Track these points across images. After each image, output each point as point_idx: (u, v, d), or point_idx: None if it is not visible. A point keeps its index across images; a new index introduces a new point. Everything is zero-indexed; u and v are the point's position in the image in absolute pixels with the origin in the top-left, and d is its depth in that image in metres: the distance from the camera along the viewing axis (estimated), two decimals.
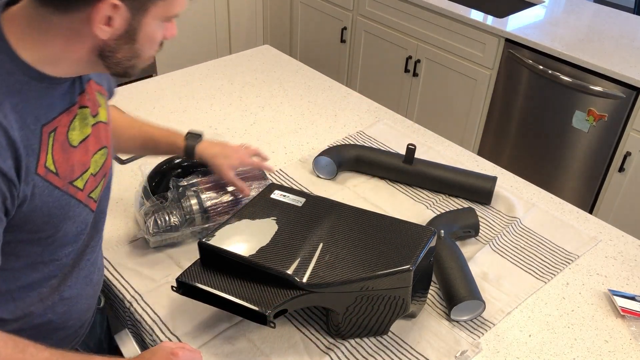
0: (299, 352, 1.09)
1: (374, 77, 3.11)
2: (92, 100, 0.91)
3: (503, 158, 2.68)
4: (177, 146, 1.24)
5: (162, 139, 1.25)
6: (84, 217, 0.91)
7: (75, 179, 0.87)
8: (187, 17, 3.24)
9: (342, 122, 1.81)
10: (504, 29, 2.45)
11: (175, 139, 1.25)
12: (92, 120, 0.90)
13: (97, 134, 0.92)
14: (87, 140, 0.89)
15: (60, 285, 0.95)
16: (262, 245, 1.07)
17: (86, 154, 0.89)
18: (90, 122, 0.90)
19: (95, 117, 0.91)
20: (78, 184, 0.87)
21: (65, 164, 0.84)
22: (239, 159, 1.27)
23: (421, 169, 1.52)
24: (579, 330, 1.18)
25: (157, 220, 1.23)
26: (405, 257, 1.05)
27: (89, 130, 0.89)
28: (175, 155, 1.29)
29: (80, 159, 0.87)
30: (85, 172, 0.89)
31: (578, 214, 1.51)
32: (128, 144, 1.24)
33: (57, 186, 0.83)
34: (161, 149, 1.26)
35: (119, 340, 1.18)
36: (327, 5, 3.17)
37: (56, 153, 0.82)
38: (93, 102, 0.91)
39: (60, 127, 0.83)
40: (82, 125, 0.88)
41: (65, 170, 0.84)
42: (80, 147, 0.87)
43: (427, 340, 1.13)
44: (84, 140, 0.88)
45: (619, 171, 2.28)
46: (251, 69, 2.08)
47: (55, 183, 0.83)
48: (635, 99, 2.16)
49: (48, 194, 0.82)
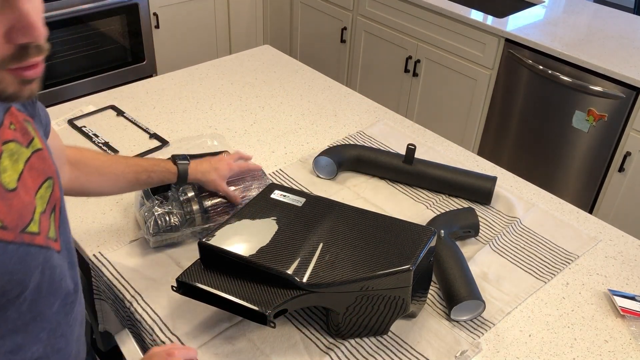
0: (299, 352, 1.09)
1: (374, 77, 3.11)
2: (21, 129, 0.79)
3: (503, 158, 2.68)
4: (170, 172, 1.22)
5: (153, 167, 1.21)
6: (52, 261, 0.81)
7: (28, 224, 0.76)
8: (187, 18, 3.25)
9: (342, 122, 1.81)
10: (504, 29, 2.45)
11: (166, 165, 1.22)
12: (26, 153, 0.79)
13: (36, 165, 0.80)
14: (23, 176, 0.77)
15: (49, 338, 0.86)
16: (262, 245, 1.07)
17: (27, 192, 0.77)
18: (23, 155, 0.78)
19: (29, 147, 0.80)
20: (32, 228, 0.76)
21: (9, 211, 0.73)
22: (227, 168, 1.28)
23: (421, 169, 1.52)
24: (579, 330, 1.18)
25: (157, 220, 1.23)
26: (405, 257, 1.06)
27: (21, 165, 0.77)
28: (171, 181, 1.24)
29: (24, 200, 0.76)
30: (35, 212, 0.78)
31: (578, 214, 1.51)
32: (118, 181, 1.18)
33: (8, 241, 0.72)
34: (154, 178, 1.22)
35: (119, 340, 1.18)
36: (327, 5, 3.17)
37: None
38: (23, 131, 0.80)
39: None
40: (13, 163, 0.75)
41: (12, 219, 0.73)
42: (19, 187, 0.75)
43: (427, 340, 1.13)
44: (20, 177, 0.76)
45: (619, 171, 2.28)
46: (251, 69, 2.08)
47: (5, 238, 0.72)
48: (635, 99, 2.16)
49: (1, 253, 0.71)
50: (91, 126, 1.70)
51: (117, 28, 2.96)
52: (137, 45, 3.07)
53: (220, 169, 1.27)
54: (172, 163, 1.23)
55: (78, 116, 1.74)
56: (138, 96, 1.87)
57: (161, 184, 1.24)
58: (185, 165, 1.23)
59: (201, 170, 1.25)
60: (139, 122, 1.73)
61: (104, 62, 2.99)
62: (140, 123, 1.72)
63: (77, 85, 2.93)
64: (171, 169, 1.22)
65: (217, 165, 1.27)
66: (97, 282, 1.28)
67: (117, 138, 1.65)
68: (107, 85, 2.96)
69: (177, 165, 1.22)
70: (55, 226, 0.85)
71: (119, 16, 2.92)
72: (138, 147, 1.62)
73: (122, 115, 1.76)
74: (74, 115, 1.74)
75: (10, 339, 0.79)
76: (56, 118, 1.73)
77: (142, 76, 3.14)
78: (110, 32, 2.95)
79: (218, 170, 1.26)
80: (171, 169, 1.22)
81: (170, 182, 1.24)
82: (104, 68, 3.01)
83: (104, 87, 2.86)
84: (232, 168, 1.29)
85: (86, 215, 1.38)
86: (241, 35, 3.59)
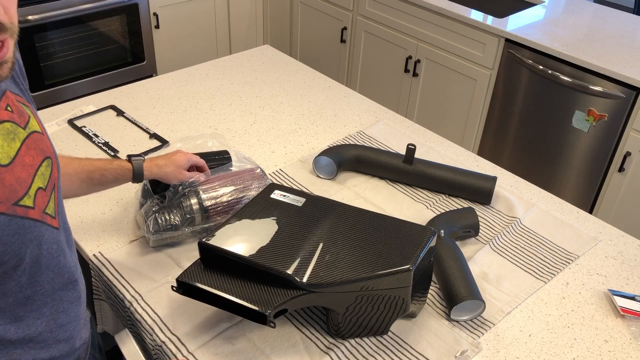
0: (299, 352, 1.09)
1: (374, 77, 3.11)
2: (18, 112, 0.83)
3: (503, 158, 2.68)
4: (124, 169, 1.20)
5: (106, 166, 1.19)
6: (48, 236, 0.85)
7: (21, 197, 0.79)
8: (187, 18, 3.25)
9: (342, 122, 1.81)
10: (504, 29, 2.45)
11: (120, 163, 1.21)
12: (23, 133, 0.82)
13: (34, 145, 0.83)
14: (20, 154, 0.80)
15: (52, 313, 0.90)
16: (262, 245, 1.07)
17: (25, 168, 0.81)
18: (20, 135, 0.81)
19: (26, 128, 0.83)
20: (26, 202, 0.80)
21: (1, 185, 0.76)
22: (184, 157, 1.27)
23: (421, 169, 1.52)
24: (578, 330, 1.18)
25: (157, 220, 1.23)
26: (405, 257, 1.06)
27: (18, 144, 0.80)
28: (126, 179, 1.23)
29: (20, 176, 0.79)
30: (31, 188, 0.81)
31: (578, 214, 1.51)
32: (72, 182, 1.15)
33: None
34: (108, 177, 1.20)
35: (119, 340, 1.18)
36: (327, 5, 3.17)
37: None
38: (19, 114, 0.83)
39: None
40: (9, 141, 0.79)
41: (3, 192, 0.76)
42: (15, 164, 0.79)
43: (427, 340, 1.13)
44: (16, 155, 0.80)
45: (619, 171, 2.28)
46: (251, 69, 2.08)
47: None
48: (635, 99, 2.16)
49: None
50: (91, 126, 1.70)
51: (117, 28, 2.96)
52: (137, 45, 3.07)
53: (177, 159, 1.26)
54: (127, 161, 1.22)
55: (78, 116, 1.74)
56: (138, 96, 1.87)
57: (116, 183, 1.22)
58: (140, 162, 1.22)
59: (157, 164, 1.24)
60: (139, 122, 1.73)
61: (104, 62, 2.99)
62: (140, 123, 1.72)
63: (77, 85, 2.93)
64: (125, 166, 1.21)
65: (173, 156, 1.26)
66: (97, 282, 1.28)
67: (117, 138, 1.65)
68: (107, 85, 2.96)
69: (131, 162, 1.21)
70: (55, 204, 0.87)
71: (119, 16, 2.92)
72: (138, 147, 1.62)
73: (122, 115, 1.76)
74: (74, 115, 1.74)
75: (11, 311, 0.83)
76: (56, 118, 1.73)
77: (142, 76, 3.14)
78: (110, 32, 2.95)
79: (175, 161, 1.25)
80: (125, 166, 1.20)
81: (125, 181, 1.22)
82: (104, 68, 3.01)
83: (104, 87, 2.86)
84: (189, 157, 1.28)
85: (86, 215, 1.38)
86: (241, 35, 3.59)
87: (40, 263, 0.84)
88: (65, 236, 0.91)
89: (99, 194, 1.44)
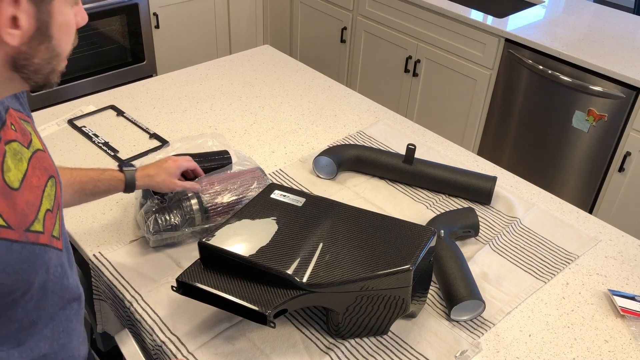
0: (299, 352, 1.09)
1: (374, 77, 3.11)
2: (21, 130, 0.80)
3: (503, 158, 2.68)
4: (117, 179, 1.18)
5: (99, 176, 1.17)
6: (55, 260, 0.83)
7: (32, 222, 0.76)
8: (187, 17, 3.25)
9: (342, 122, 1.81)
10: (504, 29, 2.45)
11: (113, 173, 1.18)
12: (27, 153, 0.79)
13: (39, 164, 0.81)
14: (27, 175, 0.77)
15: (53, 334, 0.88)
16: (262, 245, 1.07)
17: (32, 191, 0.78)
18: (25, 155, 0.78)
19: (29, 147, 0.80)
20: (36, 227, 0.77)
21: (13, 211, 0.73)
22: (175, 165, 1.25)
23: (421, 169, 1.52)
24: (578, 330, 1.18)
25: (157, 220, 1.23)
26: (405, 257, 1.06)
27: (25, 165, 0.77)
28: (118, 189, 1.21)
29: (29, 199, 0.76)
30: (39, 211, 0.79)
31: (578, 214, 1.51)
32: (65, 193, 1.12)
33: (12, 240, 0.72)
34: (101, 187, 1.17)
35: (119, 340, 1.18)
36: (327, 5, 3.17)
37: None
38: (22, 132, 0.80)
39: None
40: (16, 162, 0.76)
41: (16, 218, 0.73)
42: (23, 187, 0.76)
43: (427, 340, 1.13)
44: (24, 177, 0.77)
45: (619, 171, 2.28)
46: (251, 69, 2.08)
47: (9, 237, 0.72)
48: (635, 99, 2.16)
49: (6, 252, 0.72)
50: (91, 126, 1.70)
51: (117, 28, 2.96)
52: (137, 45, 3.07)
53: (168, 167, 1.24)
54: (119, 171, 1.19)
55: (78, 116, 1.74)
56: (138, 96, 1.87)
57: (109, 193, 1.20)
58: (132, 172, 1.20)
59: (149, 174, 1.21)
60: (139, 122, 1.73)
61: (104, 62, 2.99)
62: (140, 123, 1.72)
63: (77, 85, 2.93)
64: (118, 176, 1.18)
65: (164, 165, 1.24)
66: (97, 282, 1.28)
67: (117, 138, 1.65)
68: (107, 85, 2.96)
69: (123, 173, 1.19)
70: (60, 224, 0.85)
71: (119, 16, 2.92)
72: (138, 147, 1.62)
73: (122, 115, 1.76)
74: (74, 115, 1.74)
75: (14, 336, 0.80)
76: (56, 118, 1.73)
77: (142, 76, 3.14)
78: (110, 32, 2.95)
79: (166, 169, 1.23)
80: (118, 177, 1.18)
81: (118, 191, 1.20)
82: (104, 68, 3.01)
83: (104, 87, 2.86)
84: (180, 164, 1.26)
85: (86, 215, 1.38)
86: (241, 35, 3.59)
87: (47, 287, 0.82)
88: (67, 256, 0.89)
89: None
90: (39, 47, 0.68)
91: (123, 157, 1.57)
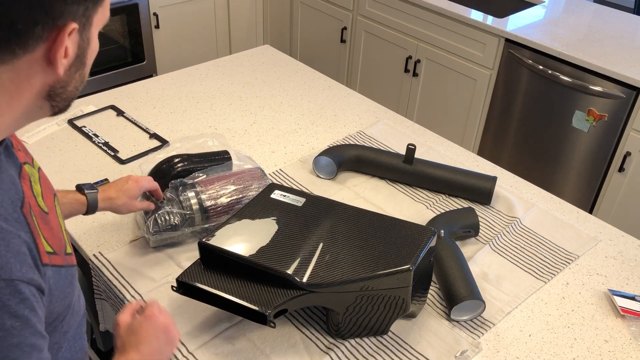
0: (299, 352, 1.09)
1: (374, 77, 3.11)
2: (23, 150, 0.78)
3: (503, 158, 2.68)
4: (79, 202, 1.12)
5: (61, 199, 1.09)
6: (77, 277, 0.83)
7: (65, 246, 0.76)
8: (187, 18, 3.24)
9: (342, 122, 1.81)
10: (504, 29, 2.45)
11: (75, 196, 1.12)
12: (36, 173, 0.77)
13: (45, 184, 0.79)
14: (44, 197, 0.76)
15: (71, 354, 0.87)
16: (262, 245, 1.07)
17: (52, 212, 0.76)
18: (36, 176, 0.76)
19: (34, 167, 0.79)
20: (68, 249, 0.77)
21: (53, 236, 0.73)
22: (136, 186, 1.20)
23: (421, 169, 1.52)
24: (579, 330, 1.18)
25: (157, 220, 1.23)
26: (405, 257, 1.06)
27: (39, 187, 0.76)
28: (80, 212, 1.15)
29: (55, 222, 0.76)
30: (63, 232, 0.78)
31: (578, 214, 1.51)
32: None
33: (60, 265, 0.73)
34: (64, 211, 1.09)
35: None
36: (327, 5, 3.17)
37: (43, 230, 0.70)
38: (24, 152, 0.78)
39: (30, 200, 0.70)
40: (35, 184, 0.74)
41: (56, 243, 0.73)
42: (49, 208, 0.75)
43: (427, 340, 1.13)
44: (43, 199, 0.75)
45: (619, 171, 2.28)
46: (251, 69, 2.08)
47: (58, 263, 0.72)
48: (635, 99, 2.16)
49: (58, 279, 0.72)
50: (91, 126, 1.70)
51: (117, 28, 2.96)
52: (137, 45, 3.07)
53: (128, 189, 1.19)
54: (80, 193, 1.14)
55: (78, 116, 1.74)
56: (138, 96, 1.87)
57: (70, 216, 1.15)
58: (94, 194, 1.14)
59: (109, 196, 1.17)
60: (139, 122, 1.73)
61: (104, 62, 2.99)
62: (140, 123, 1.72)
63: None
64: (80, 199, 1.13)
65: (124, 187, 1.19)
66: (97, 282, 1.28)
67: (117, 138, 1.65)
68: (107, 85, 2.95)
69: (85, 195, 1.13)
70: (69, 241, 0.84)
71: (119, 16, 2.92)
72: (138, 147, 1.62)
73: (122, 115, 1.76)
74: (74, 115, 1.74)
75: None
76: (56, 118, 1.73)
77: (142, 76, 3.14)
78: (110, 32, 2.95)
79: (127, 191, 1.19)
80: (80, 199, 1.13)
81: (79, 213, 1.14)
82: (104, 68, 3.01)
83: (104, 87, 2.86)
84: (141, 185, 1.21)
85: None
86: (241, 35, 3.59)
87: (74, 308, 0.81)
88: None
89: None
90: (75, 74, 0.67)
91: (123, 157, 1.57)
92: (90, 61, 0.69)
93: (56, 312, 0.74)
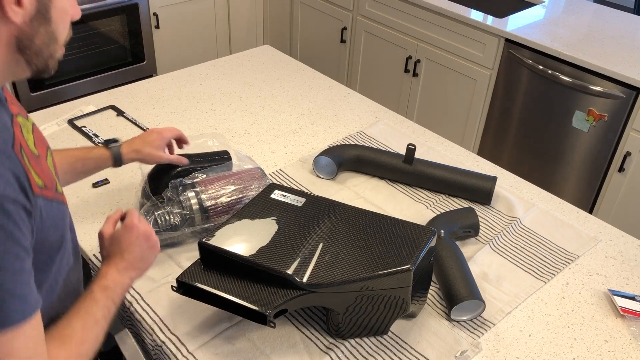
0: (299, 352, 1.09)
1: (374, 77, 3.11)
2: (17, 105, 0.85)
3: (503, 158, 2.68)
4: (104, 157, 1.23)
5: (87, 155, 1.22)
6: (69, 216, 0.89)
7: (56, 184, 0.84)
8: (187, 18, 3.24)
9: (342, 122, 1.81)
10: (504, 29, 2.45)
11: (99, 151, 1.23)
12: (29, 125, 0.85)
13: (38, 136, 0.87)
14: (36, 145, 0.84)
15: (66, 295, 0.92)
16: (262, 245, 1.07)
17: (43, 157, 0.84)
18: (29, 127, 0.84)
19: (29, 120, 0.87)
20: (59, 188, 0.85)
21: (44, 174, 0.80)
22: (159, 137, 1.28)
23: (421, 169, 1.52)
24: (578, 330, 1.18)
25: (157, 220, 1.23)
26: (405, 257, 1.06)
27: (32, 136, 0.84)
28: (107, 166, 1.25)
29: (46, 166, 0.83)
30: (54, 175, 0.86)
31: (578, 214, 1.51)
32: None
33: (51, 198, 0.80)
34: (89, 165, 1.22)
35: (119, 340, 1.18)
36: (327, 5, 3.17)
37: (34, 167, 0.78)
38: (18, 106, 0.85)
39: (21, 141, 0.77)
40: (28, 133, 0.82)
41: (47, 180, 0.80)
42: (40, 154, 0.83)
43: (427, 340, 1.13)
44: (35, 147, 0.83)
45: (619, 171, 2.28)
46: (251, 69, 2.08)
47: (49, 196, 0.80)
48: (635, 99, 2.16)
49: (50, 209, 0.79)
50: (91, 126, 1.70)
51: (117, 28, 2.96)
52: (137, 45, 3.07)
53: (153, 140, 1.27)
54: (105, 148, 1.23)
55: (78, 116, 1.74)
56: (138, 96, 1.87)
57: (98, 170, 1.24)
58: (117, 148, 1.24)
59: (134, 148, 1.26)
60: (139, 122, 1.73)
61: (104, 62, 2.99)
62: (140, 123, 1.72)
63: (77, 85, 2.93)
64: (104, 154, 1.23)
65: (148, 138, 1.28)
66: None
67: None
68: (107, 85, 2.96)
69: (110, 150, 1.23)
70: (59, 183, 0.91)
71: (119, 16, 2.92)
72: None
73: (122, 115, 1.76)
74: (74, 115, 1.74)
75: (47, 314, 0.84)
76: (56, 118, 1.73)
77: (142, 76, 3.14)
78: (110, 32, 2.95)
79: (151, 142, 1.27)
80: (104, 154, 1.23)
81: (107, 167, 1.24)
82: (104, 68, 3.01)
83: (104, 87, 2.86)
84: (164, 136, 1.29)
85: (86, 215, 1.38)
86: (241, 35, 3.59)
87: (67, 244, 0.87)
88: None
89: (100, 194, 1.44)
90: (39, 28, 0.73)
91: None
92: (57, 20, 0.75)
93: (49, 241, 0.80)
